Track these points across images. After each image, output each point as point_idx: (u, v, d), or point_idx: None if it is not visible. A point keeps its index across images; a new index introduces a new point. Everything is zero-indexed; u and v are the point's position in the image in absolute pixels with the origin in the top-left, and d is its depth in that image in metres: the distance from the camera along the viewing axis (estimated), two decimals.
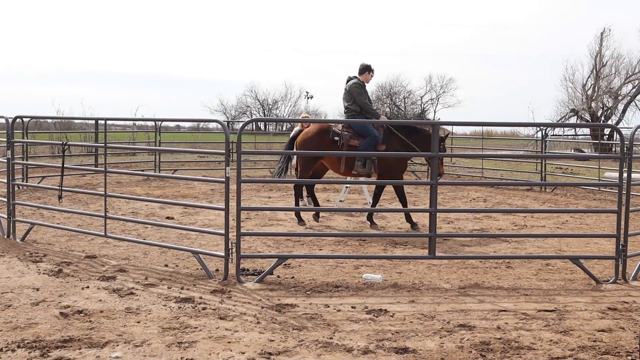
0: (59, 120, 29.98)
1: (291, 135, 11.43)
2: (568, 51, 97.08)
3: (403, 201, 10.84)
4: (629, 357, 4.98)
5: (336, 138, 10.65)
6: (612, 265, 7.75)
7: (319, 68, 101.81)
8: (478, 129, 30.45)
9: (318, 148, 10.63)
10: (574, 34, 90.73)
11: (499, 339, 5.38)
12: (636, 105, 40.91)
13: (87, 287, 6.79)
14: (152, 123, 20.58)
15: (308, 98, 69.37)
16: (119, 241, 9.06)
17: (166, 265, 7.90)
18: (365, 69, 11.03)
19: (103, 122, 9.68)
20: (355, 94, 10.75)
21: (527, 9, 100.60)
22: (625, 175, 7.42)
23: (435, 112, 67.79)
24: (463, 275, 7.71)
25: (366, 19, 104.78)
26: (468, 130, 45.07)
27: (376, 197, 11.12)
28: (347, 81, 11.00)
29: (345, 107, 10.91)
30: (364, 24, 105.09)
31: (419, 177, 19.90)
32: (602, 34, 40.98)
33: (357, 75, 11.01)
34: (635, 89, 40.67)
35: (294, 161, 12.94)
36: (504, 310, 6.22)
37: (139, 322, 5.68)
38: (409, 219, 10.96)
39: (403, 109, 67.62)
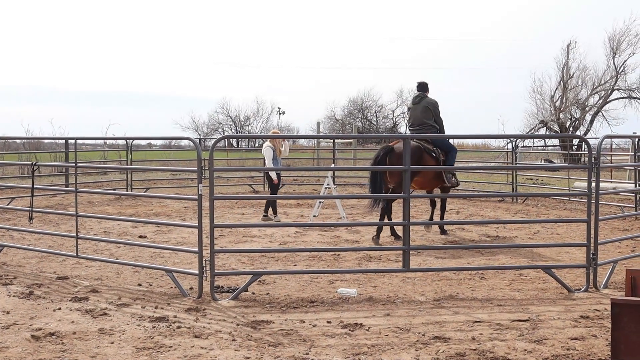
0: (28, 140, 29.60)
1: (380, 154, 10.92)
2: (535, 63, 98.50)
3: (442, 212, 11.91)
4: None
5: (434, 154, 11.08)
6: (583, 274, 7.84)
7: (291, 84, 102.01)
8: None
9: (420, 165, 10.73)
10: (541, 47, 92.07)
11: (474, 350, 5.41)
12: (603, 115, 41.59)
13: (59, 308, 6.70)
14: (124, 142, 20.42)
15: (280, 114, 69.43)
16: (91, 261, 8.97)
17: (139, 285, 7.83)
18: (428, 87, 11.71)
19: (73, 141, 9.60)
20: (438, 112, 11.43)
21: (494, 22, 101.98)
22: (594, 184, 7.54)
23: (407, 126, 68.29)
24: (437, 287, 7.75)
25: (336, 34, 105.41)
26: None
27: (444, 208, 11.94)
28: (420, 98, 11.48)
29: (429, 124, 11.31)
30: (333, 39, 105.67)
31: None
32: (568, 46, 41.66)
33: (425, 93, 11.58)
34: (601, 100, 41.36)
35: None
36: (479, 321, 6.26)
37: (112, 343, 5.62)
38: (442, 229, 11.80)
39: (375, 123, 67.99)
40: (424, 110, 11.34)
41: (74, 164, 8.64)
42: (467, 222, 13.19)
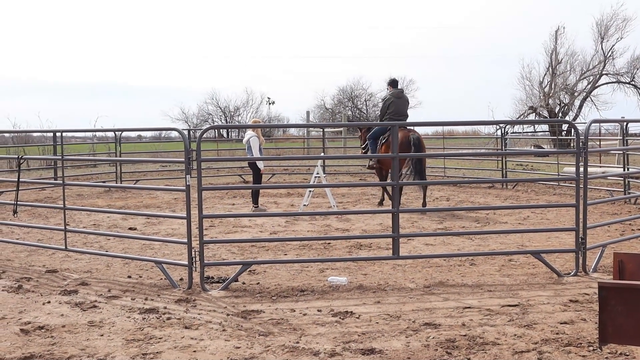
0: (16, 134, 29.41)
1: (415, 142, 12.45)
2: (524, 50, 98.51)
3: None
4: (591, 348, 5.07)
5: None
6: (572, 258, 7.87)
7: (280, 74, 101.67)
8: (439, 129, 30.70)
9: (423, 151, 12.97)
10: (528, 33, 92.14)
11: (464, 335, 5.43)
12: (592, 100, 41.69)
13: (49, 302, 6.67)
14: (113, 134, 20.31)
15: (270, 104, 69.26)
16: (81, 254, 8.94)
17: (129, 277, 7.80)
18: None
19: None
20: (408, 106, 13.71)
21: (483, 8, 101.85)
22: (582, 169, 7.55)
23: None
24: (428, 274, 7.76)
25: (326, 24, 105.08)
26: (430, 130, 45.51)
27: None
28: (402, 92, 13.59)
29: (407, 115, 13.57)
30: (322, 29, 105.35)
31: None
32: (556, 32, 41.67)
33: (402, 89, 13.70)
34: (590, 85, 41.45)
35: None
36: (469, 307, 6.28)
37: (102, 335, 5.60)
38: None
39: (365, 111, 67.91)
40: (405, 104, 13.52)
41: (60, 157, 8.59)
42: (457, 209, 13.22)
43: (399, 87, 13.72)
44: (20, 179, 8.78)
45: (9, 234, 10.94)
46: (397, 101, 13.32)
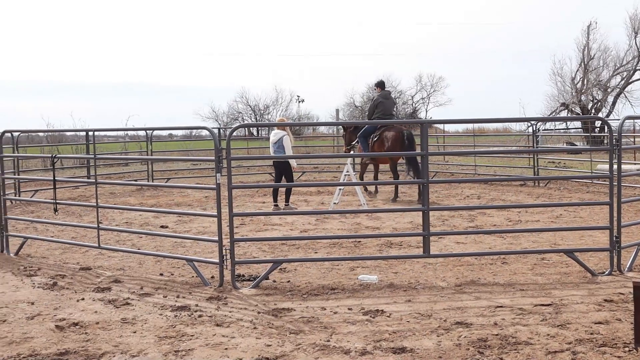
0: (50, 133, 29.81)
1: (404, 137, 13.90)
2: (555, 46, 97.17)
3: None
4: (626, 349, 4.98)
5: None
6: (607, 257, 7.76)
7: (310, 71, 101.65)
8: (470, 126, 30.45)
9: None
10: (560, 29, 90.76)
11: (496, 335, 5.38)
12: (625, 97, 40.93)
13: (82, 299, 6.76)
14: (144, 133, 20.52)
15: (299, 102, 69.27)
16: (114, 252, 9.05)
17: (161, 274, 7.88)
18: None
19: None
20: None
21: (514, 4, 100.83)
22: (615, 166, 7.43)
23: (427, 112, 67.78)
24: (459, 272, 7.70)
25: (356, 21, 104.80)
26: (460, 128, 45.20)
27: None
28: (389, 94, 15.06)
29: (393, 114, 15.15)
30: (352, 26, 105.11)
31: (413, 176, 19.91)
32: (588, 27, 41.00)
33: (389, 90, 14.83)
34: (623, 81, 40.70)
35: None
36: (501, 306, 6.22)
37: (135, 332, 5.66)
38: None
39: (395, 109, 67.67)
40: (392, 104, 15.08)
41: (93, 156, 8.70)
42: (488, 207, 13.09)
43: (386, 88, 15.21)
44: (55, 178, 8.92)
45: (43, 232, 11.11)
46: (384, 102, 14.75)
